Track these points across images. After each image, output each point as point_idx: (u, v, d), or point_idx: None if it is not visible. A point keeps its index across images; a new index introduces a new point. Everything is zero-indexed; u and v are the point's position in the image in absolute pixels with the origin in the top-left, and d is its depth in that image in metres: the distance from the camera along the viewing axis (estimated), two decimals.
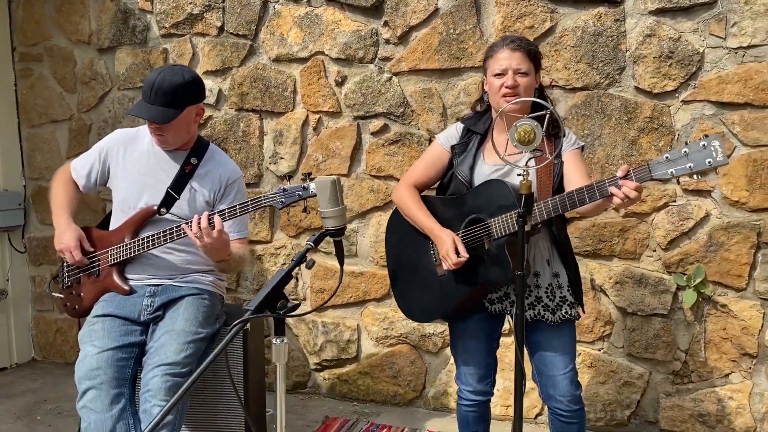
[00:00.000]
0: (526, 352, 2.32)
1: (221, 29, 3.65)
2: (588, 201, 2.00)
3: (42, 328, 4.30)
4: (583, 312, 2.37)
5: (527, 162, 1.87)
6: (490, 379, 2.41)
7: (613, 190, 1.94)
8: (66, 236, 2.44)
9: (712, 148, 1.83)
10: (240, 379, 2.61)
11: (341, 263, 1.73)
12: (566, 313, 2.22)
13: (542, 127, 1.84)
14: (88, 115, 4.04)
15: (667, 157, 1.89)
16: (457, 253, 2.17)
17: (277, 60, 3.57)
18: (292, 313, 1.51)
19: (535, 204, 2.05)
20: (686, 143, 1.88)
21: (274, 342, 1.57)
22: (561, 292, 2.24)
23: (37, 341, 4.34)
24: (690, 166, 1.86)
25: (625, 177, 1.93)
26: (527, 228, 1.86)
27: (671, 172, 1.89)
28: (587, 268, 3.12)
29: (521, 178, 1.87)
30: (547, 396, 2.26)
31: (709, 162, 1.84)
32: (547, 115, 1.84)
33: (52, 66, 4.10)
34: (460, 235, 2.23)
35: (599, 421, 3.17)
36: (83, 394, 2.13)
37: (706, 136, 1.85)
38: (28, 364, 4.30)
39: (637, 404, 3.13)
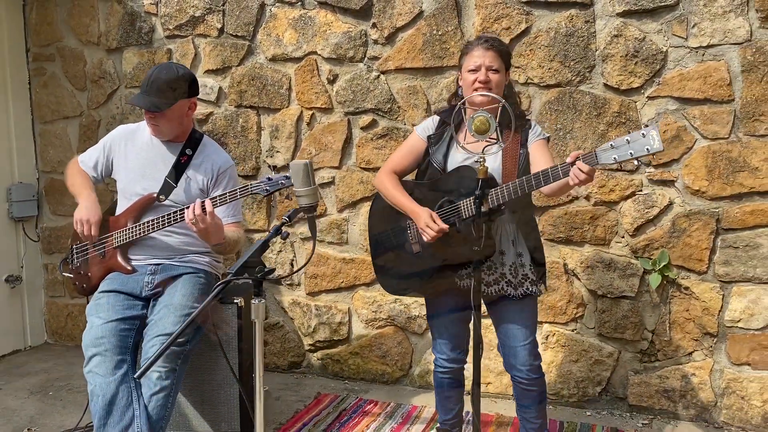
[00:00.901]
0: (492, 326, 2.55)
1: (221, 31, 3.89)
2: (543, 183, 2.20)
3: (54, 312, 4.56)
4: (545, 290, 2.58)
5: (484, 150, 2.09)
6: (462, 349, 2.62)
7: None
8: (87, 210, 2.61)
9: (650, 137, 2.03)
10: (235, 356, 2.75)
11: (314, 237, 1.95)
12: (527, 289, 2.43)
13: (496, 118, 2.06)
14: (97, 111, 4.29)
15: (611, 145, 2.10)
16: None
17: (273, 59, 3.80)
18: (268, 277, 1.74)
19: (498, 188, 2.26)
20: (629, 132, 2.09)
21: (252, 302, 1.81)
22: (523, 270, 2.44)
23: (49, 325, 4.60)
24: (631, 153, 2.06)
25: (574, 162, 2.14)
26: (484, 209, 2.08)
27: (614, 158, 2.09)
28: (560, 254, 3.33)
29: (478, 165, 2.09)
30: (509, 365, 2.48)
31: (647, 149, 2.04)
32: (500, 108, 2.06)
33: (64, 65, 4.35)
34: None
35: (572, 397, 3.38)
36: (89, 360, 2.37)
37: (647, 125, 2.05)
38: (41, 346, 4.55)
39: (607, 381, 3.33)
